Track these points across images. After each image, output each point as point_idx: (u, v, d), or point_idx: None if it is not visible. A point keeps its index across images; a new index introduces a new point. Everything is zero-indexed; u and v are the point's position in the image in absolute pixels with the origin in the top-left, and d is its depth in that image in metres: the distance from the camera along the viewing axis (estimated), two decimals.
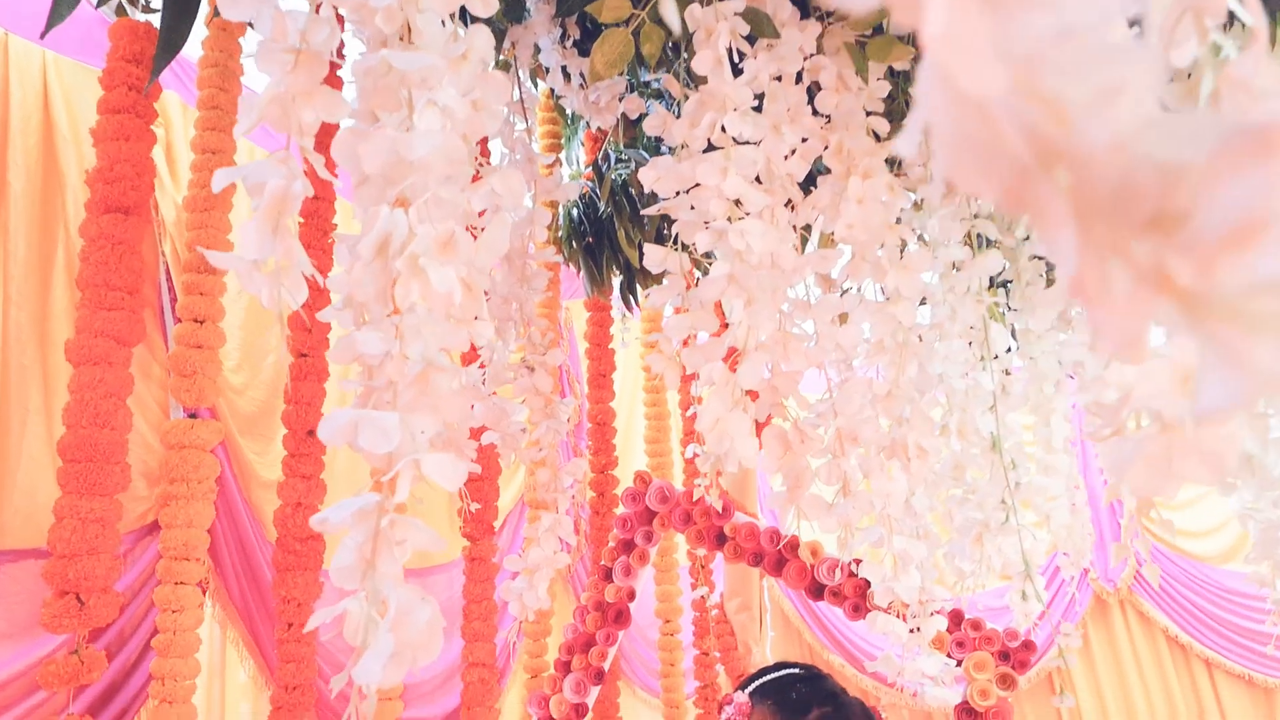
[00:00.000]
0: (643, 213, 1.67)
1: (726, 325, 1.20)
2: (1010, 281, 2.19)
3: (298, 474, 1.64)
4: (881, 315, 1.31)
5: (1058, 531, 1.98)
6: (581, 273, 2.46)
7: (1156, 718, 4.83)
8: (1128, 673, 4.93)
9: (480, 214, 0.92)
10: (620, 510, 2.10)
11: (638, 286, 2.37)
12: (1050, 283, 2.50)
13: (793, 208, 1.29)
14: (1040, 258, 2.35)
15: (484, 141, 1.80)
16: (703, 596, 2.83)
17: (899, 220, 1.35)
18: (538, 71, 1.75)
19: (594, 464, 2.49)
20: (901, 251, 1.32)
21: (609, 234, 2.25)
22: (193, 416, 1.60)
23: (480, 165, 0.92)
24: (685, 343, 1.25)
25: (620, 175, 2.10)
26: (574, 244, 2.31)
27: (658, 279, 2.24)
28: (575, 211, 2.34)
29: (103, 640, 1.87)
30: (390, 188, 0.67)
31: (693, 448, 2.48)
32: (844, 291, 1.40)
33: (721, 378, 1.12)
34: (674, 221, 1.18)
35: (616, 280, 2.52)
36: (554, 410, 1.53)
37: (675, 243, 1.23)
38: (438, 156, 0.67)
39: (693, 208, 1.21)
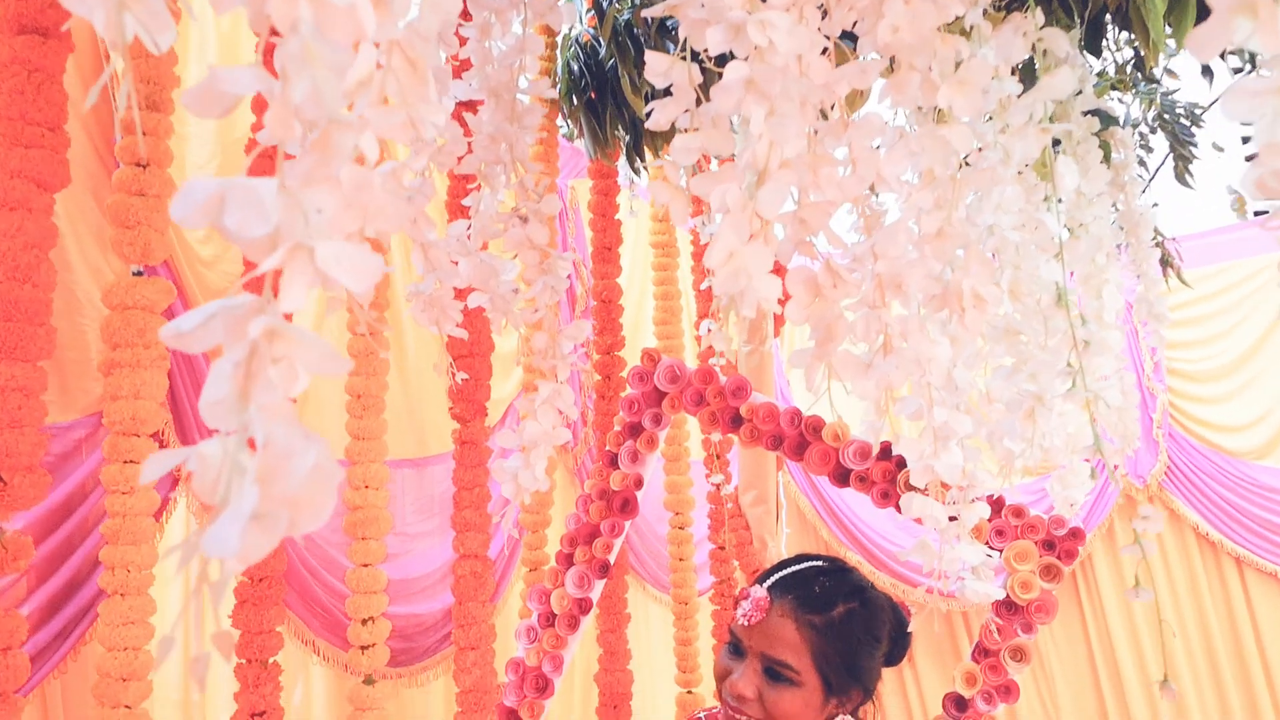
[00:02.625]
0: (644, 13, 1.44)
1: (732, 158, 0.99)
2: (1059, 141, 1.96)
3: None
4: (931, 140, 1.10)
5: (1106, 414, 1.80)
6: (583, 135, 2.24)
7: (1184, 616, 4.72)
8: (1154, 570, 4.80)
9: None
10: (627, 392, 1.92)
11: (645, 149, 2.15)
12: (1104, 145, 2.27)
13: (825, 13, 1.07)
14: (1093, 113, 2.11)
15: None
16: (717, 485, 2.67)
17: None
18: None
19: (599, 345, 2.31)
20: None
21: (613, 86, 2.03)
22: (139, 274, 1.41)
23: None
24: (698, 168, 1.05)
25: (624, 14, 1.86)
26: (574, 100, 2.09)
27: (668, 137, 2.02)
28: (575, 65, 2.11)
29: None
30: None
31: (706, 324, 2.30)
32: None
33: (737, 204, 0.92)
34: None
35: (623, 149, 2.30)
36: (551, 266, 1.32)
37: (683, 49, 1.02)
38: None
39: (704, 4, 0.99)
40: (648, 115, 0.99)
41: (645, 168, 2.20)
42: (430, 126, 0.65)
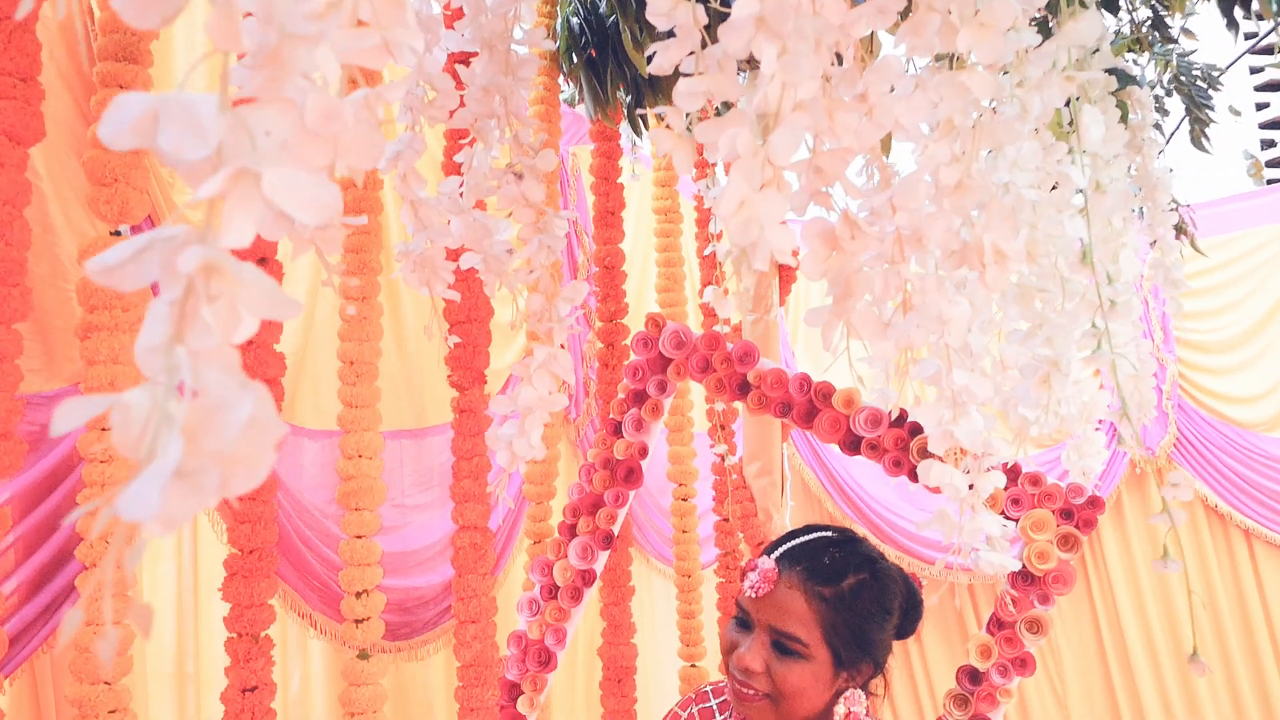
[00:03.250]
0: None
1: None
2: (1076, 99, 1.90)
3: None
4: (951, 86, 1.04)
5: (1124, 383, 1.75)
6: (584, 99, 2.17)
7: (1192, 588, 4.67)
8: (1162, 543, 4.75)
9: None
10: (631, 359, 1.86)
11: (647, 108, 2.09)
12: (1121, 105, 2.20)
13: None
14: (1112, 72, 2.05)
15: None
16: (721, 456, 2.62)
17: None
18: None
19: (602, 312, 2.25)
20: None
21: (614, 43, 1.96)
22: (116, 234, 1.36)
23: None
24: (703, 115, 0.99)
25: None
26: (574, 58, 2.02)
27: (669, 90, 1.96)
28: (575, 21, 2.04)
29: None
30: None
31: (711, 290, 2.23)
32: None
33: (748, 149, 0.86)
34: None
35: (625, 112, 2.23)
36: (548, 224, 1.27)
37: None
38: None
39: None
40: (650, 59, 0.93)
41: (647, 129, 2.13)
42: (408, 52, 0.59)
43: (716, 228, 2.35)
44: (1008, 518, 1.54)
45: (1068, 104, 1.90)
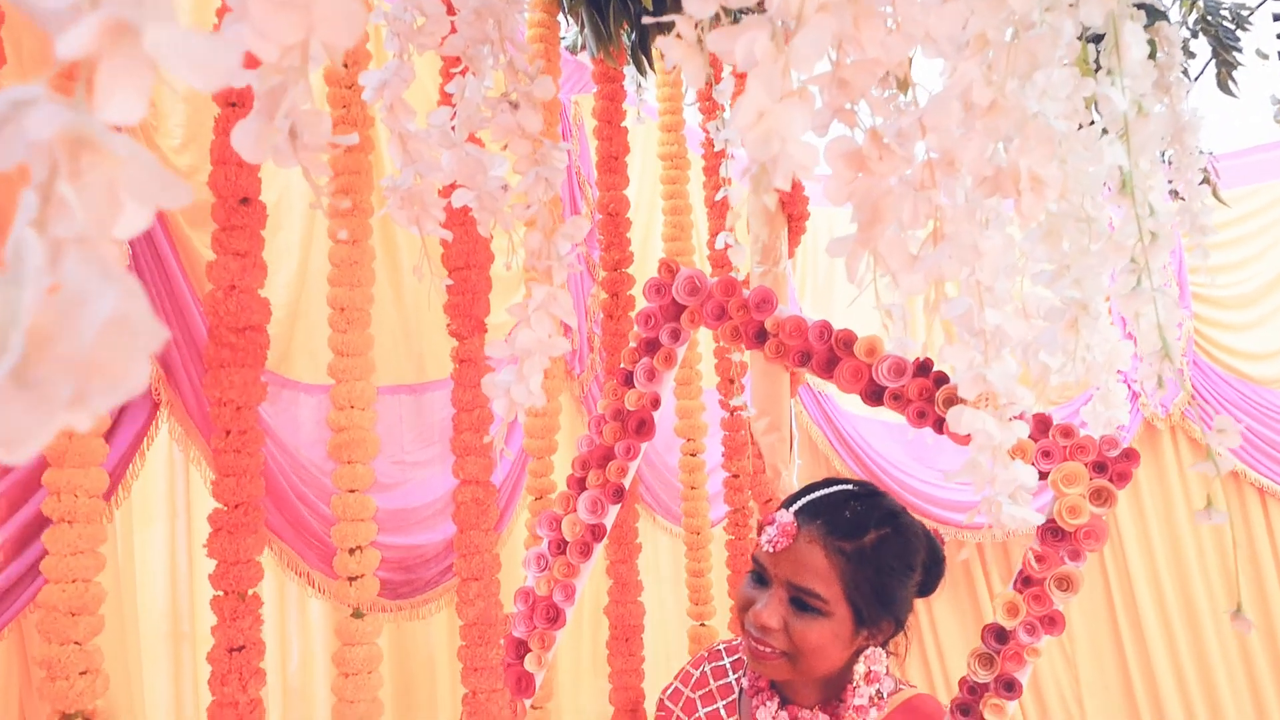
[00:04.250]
0: None
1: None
2: (1100, 38, 1.82)
3: (229, 250, 1.32)
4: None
5: (1148, 333, 1.68)
6: (585, 46, 2.08)
7: (1204, 548, 4.62)
8: (1175, 502, 4.69)
9: None
10: (641, 307, 1.78)
11: (651, 49, 2.00)
12: (1150, 42, 2.10)
13: None
14: (1141, 6, 1.96)
15: None
16: (734, 410, 2.55)
17: None
18: None
19: (606, 261, 2.17)
20: None
21: None
22: None
23: None
24: (714, 24, 0.90)
25: None
26: None
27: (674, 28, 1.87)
28: None
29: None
30: None
31: (723, 236, 2.14)
32: None
33: (767, 55, 0.77)
34: None
35: (628, 54, 2.14)
36: (545, 156, 1.18)
37: None
38: None
39: None
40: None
41: (652, 67, 2.04)
42: None
43: (726, 172, 2.26)
44: (1037, 470, 1.47)
45: (1096, 41, 1.80)
